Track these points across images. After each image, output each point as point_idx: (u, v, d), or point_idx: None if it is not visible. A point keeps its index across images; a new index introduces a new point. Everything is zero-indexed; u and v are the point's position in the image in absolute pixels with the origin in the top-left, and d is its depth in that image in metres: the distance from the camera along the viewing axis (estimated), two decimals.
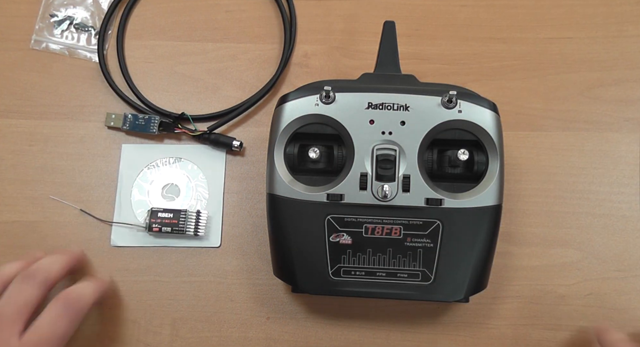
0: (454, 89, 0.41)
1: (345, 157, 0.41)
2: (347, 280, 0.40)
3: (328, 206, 0.40)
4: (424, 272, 0.40)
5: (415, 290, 0.40)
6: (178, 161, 0.49)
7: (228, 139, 0.49)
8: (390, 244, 0.40)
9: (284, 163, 0.42)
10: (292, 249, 0.41)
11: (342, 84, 0.42)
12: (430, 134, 0.41)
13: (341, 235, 0.41)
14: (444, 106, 0.40)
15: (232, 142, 0.48)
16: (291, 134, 0.42)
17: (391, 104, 0.41)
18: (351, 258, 0.41)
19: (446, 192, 0.41)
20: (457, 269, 0.40)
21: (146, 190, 0.48)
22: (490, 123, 0.41)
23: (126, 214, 0.48)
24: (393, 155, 0.40)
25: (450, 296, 0.40)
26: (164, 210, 0.47)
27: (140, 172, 0.49)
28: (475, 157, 0.41)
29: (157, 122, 0.49)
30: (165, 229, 0.47)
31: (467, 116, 0.40)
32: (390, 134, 0.40)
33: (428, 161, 0.42)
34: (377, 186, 0.40)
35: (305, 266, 0.41)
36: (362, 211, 0.40)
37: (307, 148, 0.41)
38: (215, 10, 0.53)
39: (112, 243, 0.47)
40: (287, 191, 0.41)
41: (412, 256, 0.40)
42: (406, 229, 0.40)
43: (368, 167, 0.40)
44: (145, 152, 0.49)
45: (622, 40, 0.51)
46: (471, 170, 0.42)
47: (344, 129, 0.41)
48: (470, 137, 0.41)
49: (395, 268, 0.40)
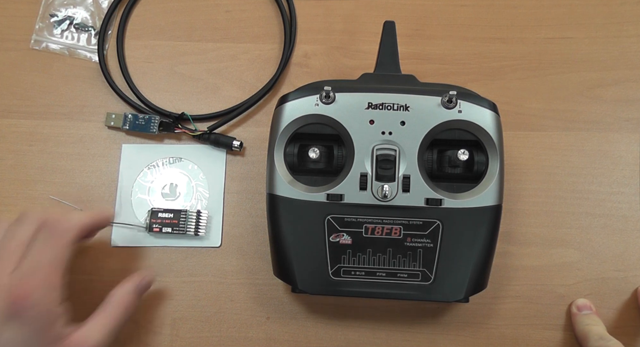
0: (454, 89, 0.41)
1: (345, 157, 0.41)
2: (347, 280, 0.41)
3: (328, 206, 0.40)
4: (424, 272, 0.40)
5: (415, 290, 0.40)
6: (178, 161, 0.49)
7: (228, 139, 0.49)
8: (390, 244, 0.40)
9: (284, 163, 0.42)
10: (292, 249, 0.41)
11: (342, 84, 0.42)
12: (430, 134, 0.41)
13: (341, 235, 0.41)
14: (444, 106, 0.40)
15: (232, 142, 0.48)
16: (291, 134, 0.42)
17: (391, 104, 0.41)
18: (351, 258, 0.41)
19: (446, 192, 0.41)
20: (457, 269, 0.40)
21: (146, 190, 0.48)
22: (490, 123, 0.41)
23: (126, 214, 0.48)
24: (393, 155, 0.40)
25: (450, 296, 0.40)
26: (165, 210, 0.47)
27: (141, 172, 0.49)
28: (475, 157, 0.41)
29: (157, 122, 0.49)
30: (165, 229, 0.47)
31: (467, 116, 0.40)
32: (390, 134, 0.40)
33: (428, 161, 0.42)
34: (377, 186, 0.40)
35: (305, 266, 0.41)
36: (362, 211, 0.40)
37: (307, 148, 0.41)
38: (215, 10, 0.53)
39: (112, 243, 0.47)
40: (287, 191, 0.41)
41: (412, 256, 0.40)
42: (406, 229, 0.40)
43: (368, 167, 0.40)
44: (146, 152, 0.49)
45: (622, 40, 0.51)
46: (471, 171, 0.42)
47: (344, 129, 0.41)
48: (470, 137, 0.41)
49: (395, 268, 0.40)
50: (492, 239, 0.41)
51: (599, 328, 0.43)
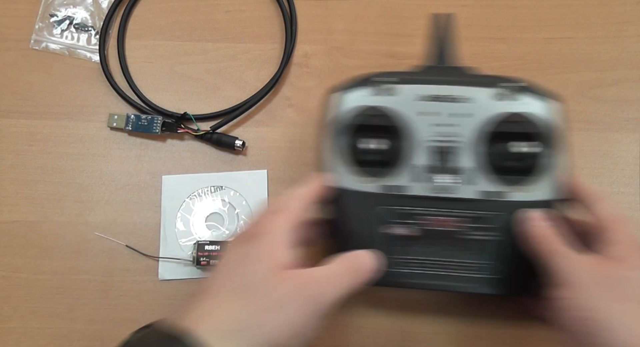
0: (515, 80, 0.40)
1: (402, 148, 0.41)
2: (404, 272, 0.40)
3: (385, 197, 0.40)
4: (484, 265, 0.40)
5: (477, 283, 0.40)
6: (220, 190, 0.49)
7: (230, 138, 0.48)
8: (448, 237, 0.40)
9: (338, 154, 0.41)
10: (348, 239, 0.40)
11: (399, 76, 0.41)
12: (489, 126, 0.40)
13: (398, 226, 0.40)
14: (505, 98, 0.40)
15: (235, 142, 0.48)
16: (346, 125, 0.41)
17: (450, 96, 0.40)
18: (408, 250, 0.40)
19: (506, 185, 0.40)
20: (520, 263, 0.39)
21: (189, 221, 0.48)
22: (551, 115, 0.40)
23: (172, 247, 0.47)
24: (452, 147, 0.40)
25: (514, 291, 0.40)
26: (211, 242, 0.46)
27: (183, 203, 0.48)
28: (535, 150, 0.40)
29: (159, 123, 0.49)
30: (213, 262, 0.46)
31: (529, 108, 0.40)
32: (449, 126, 0.40)
33: (486, 153, 0.40)
34: (435, 178, 0.40)
35: None
36: (420, 203, 0.40)
37: (361, 139, 0.41)
38: (215, 10, 0.53)
39: (160, 277, 0.47)
40: (342, 182, 0.40)
41: (471, 249, 0.40)
42: (464, 221, 0.40)
43: (426, 159, 0.40)
44: (186, 182, 0.49)
45: (622, 40, 0.51)
46: (531, 163, 0.40)
47: (402, 120, 0.40)
48: (531, 129, 0.40)
49: (454, 261, 0.40)
50: None
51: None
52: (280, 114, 0.50)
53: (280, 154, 0.50)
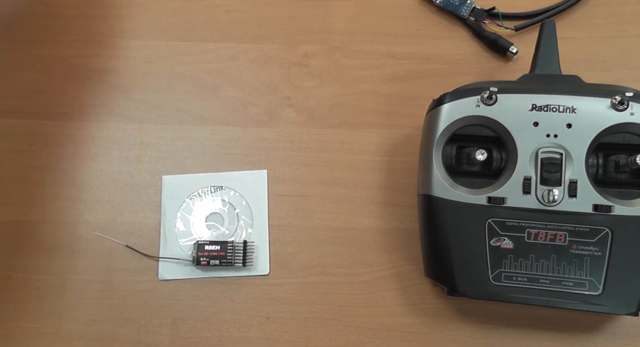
0: (624, 90, 0.39)
1: (506, 159, 0.40)
2: (508, 285, 0.39)
3: (489, 209, 0.40)
4: (591, 281, 0.39)
5: (581, 300, 0.39)
6: (220, 190, 0.49)
7: (506, 42, 0.49)
8: (555, 251, 0.39)
9: (442, 164, 0.41)
10: (452, 251, 0.40)
11: (503, 86, 0.41)
12: (598, 138, 0.39)
13: (502, 239, 0.40)
14: (614, 108, 0.39)
15: (510, 47, 0.49)
16: (450, 135, 0.41)
17: (557, 106, 0.39)
18: (512, 263, 0.40)
19: (615, 199, 0.39)
20: (628, 280, 0.38)
21: (189, 221, 0.48)
22: None
23: (172, 247, 0.47)
24: (559, 158, 0.39)
25: (619, 309, 0.38)
26: (211, 242, 0.46)
27: (183, 203, 0.48)
28: None
29: (470, 6, 0.50)
30: (213, 262, 0.46)
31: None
32: (555, 137, 0.39)
33: (594, 166, 0.40)
34: (541, 190, 0.39)
35: (465, 268, 0.40)
36: (525, 215, 0.39)
37: (465, 150, 0.41)
38: (215, 10, 0.53)
39: (160, 277, 0.47)
40: (446, 193, 0.40)
41: (578, 264, 0.39)
42: (572, 235, 0.39)
43: (532, 170, 0.39)
44: (186, 182, 0.49)
45: (622, 40, 0.51)
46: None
47: (507, 131, 0.40)
48: None
49: (559, 276, 0.39)
50: None
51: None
52: (280, 114, 0.50)
53: (280, 154, 0.50)
